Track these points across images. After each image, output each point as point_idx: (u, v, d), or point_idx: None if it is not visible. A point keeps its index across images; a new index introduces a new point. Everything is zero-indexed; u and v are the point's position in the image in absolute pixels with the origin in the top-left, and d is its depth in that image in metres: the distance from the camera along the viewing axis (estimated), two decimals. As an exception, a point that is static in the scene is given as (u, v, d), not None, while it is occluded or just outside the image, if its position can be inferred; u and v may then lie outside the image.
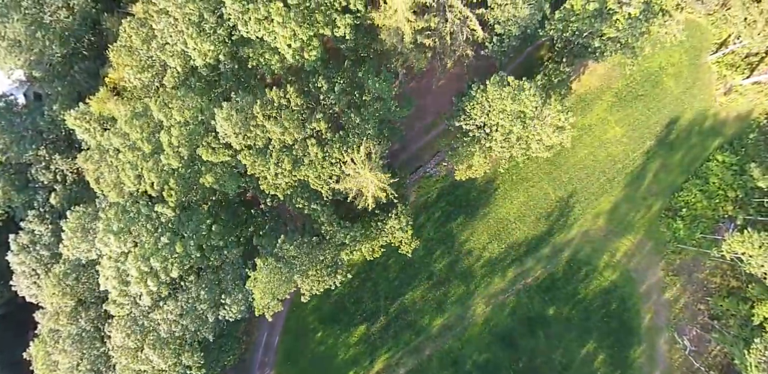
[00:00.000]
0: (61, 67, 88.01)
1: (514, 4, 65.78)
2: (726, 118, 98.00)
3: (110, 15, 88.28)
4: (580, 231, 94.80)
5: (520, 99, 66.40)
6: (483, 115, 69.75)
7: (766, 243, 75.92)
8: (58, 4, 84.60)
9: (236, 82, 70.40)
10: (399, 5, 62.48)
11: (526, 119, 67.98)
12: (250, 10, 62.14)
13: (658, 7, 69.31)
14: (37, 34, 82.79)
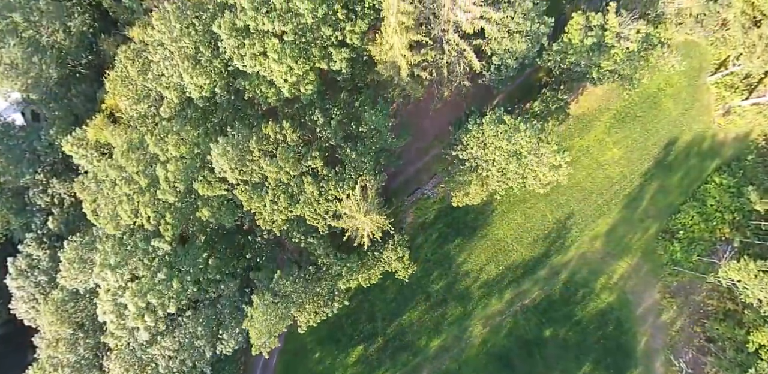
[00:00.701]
0: (58, 89, 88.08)
1: (511, 38, 65.61)
2: (724, 140, 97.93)
3: (107, 36, 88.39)
4: (577, 253, 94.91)
5: (516, 139, 66.33)
6: (479, 150, 69.64)
7: (762, 273, 75.99)
8: (54, 26, 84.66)
9: (232, 112, 70.31)
10: (395, 42, 62.32)
11: (522, 158, 67.97)
12: (245, 45, 62.06)
13: (657, 39, 69.10)
14: (34, 58, 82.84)
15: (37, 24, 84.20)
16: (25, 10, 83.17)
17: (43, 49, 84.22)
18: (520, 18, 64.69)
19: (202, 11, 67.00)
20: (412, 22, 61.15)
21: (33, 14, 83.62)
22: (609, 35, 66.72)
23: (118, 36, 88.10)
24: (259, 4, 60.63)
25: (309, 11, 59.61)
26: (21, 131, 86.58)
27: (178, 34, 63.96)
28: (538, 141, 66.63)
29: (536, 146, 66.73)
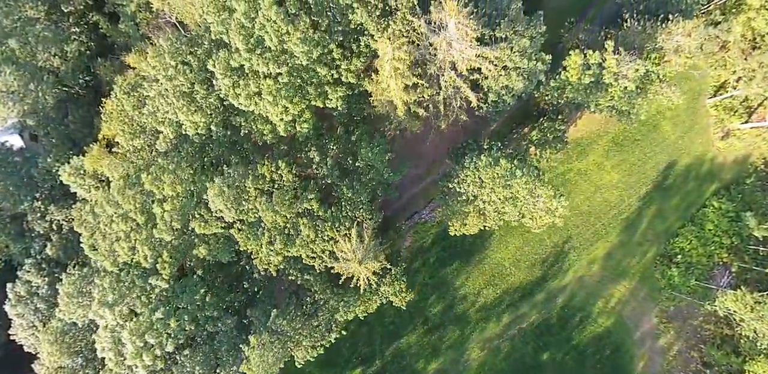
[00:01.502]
0: (55, 114, 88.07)
1: (507, 76, 65.42)
2: (723, 163, 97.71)
3: (104, 60, 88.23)
4: (574, 277, 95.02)
5: (511, 185, 66.28)
6: (476, 187, 69.59)
7: (758, 306, 76.04)
8: (51, 52, 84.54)
9: (229, 146, 70.26)
10: (391, 84, 62.20)
11: (518, 202, 67.97)
12: (240, 85, 61.93)
13: (656, 75, 68.86)
14: (30, 85, 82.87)
15: (34, 49, 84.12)
16: (21, 36, 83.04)
17: (40, 75, 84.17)
18: (516, 56, 64.44)
19: (197, 47, 66.85)
20: (407, 69, 61.02)
21: (29, 40, 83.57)
22: (607, 75, 66.48)
23: (114, 60, 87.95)
24: (253, 45, 60.42)
25: (304, 53, 59.42)
26: (19, 156, 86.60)
27: (173, 73, 63.80)
28: (534, 187, 66.50)
29: (533, 191, 66.61)
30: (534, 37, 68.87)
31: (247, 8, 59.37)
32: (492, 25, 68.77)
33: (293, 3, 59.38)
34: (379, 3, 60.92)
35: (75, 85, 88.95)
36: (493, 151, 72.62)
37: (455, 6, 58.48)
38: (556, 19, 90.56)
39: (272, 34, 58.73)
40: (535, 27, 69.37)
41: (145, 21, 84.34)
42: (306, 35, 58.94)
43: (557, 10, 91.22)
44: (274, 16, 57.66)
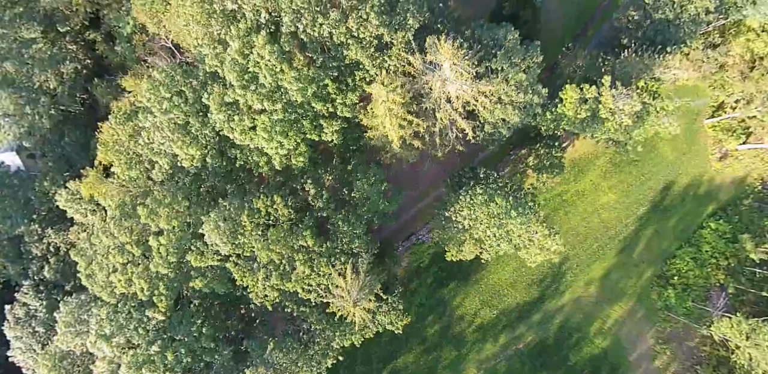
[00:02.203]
0: (52, 136, 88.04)
1: (503, 109, 65.30)
2: (721, 184, 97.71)
3: (100, 81, 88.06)
4: (571, 297, 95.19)
5: (506, 224, 66.33)
6: (471, 222, 69.67)
7: (753, 334, 76.17)
8: (47, 74, 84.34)
9: (225, 176, 70.33)
10: (386, 123, 62.25)
11: (513, 239, 68.08)
12: (235, 120, 61.92)
13: (654, 108, 68.78)
14: (26, 108, 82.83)
15: (30, 71, 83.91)
16: (17, 59, 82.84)
17: (36, 98, 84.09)
18: (512, 90, 64.27)
19: (192, 78, 66.71)
20: (401, 109, 61.01)
21: (25, 62, 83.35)
22: (603, 110, 66.33)
23: (111, 81, 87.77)
24: (247, 82, 60.32)
25: (299, 91, 59.37)
26: (16, 178, 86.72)
27: (168, 106, 63.73)
28: (528, 227, 66.61)
29: (528, 228, 66.69)
30: (531, 67, 68.68)
31: (241, 45, 59.23)
32: (488, 56, 68.71)
33: (287, 40, 59.20)
34: (374, 40, 60.67)
35: (72, 106, 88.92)
36: (490, 181, 72.47)
37: (450, 48, 58.29)
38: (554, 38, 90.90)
39: (266, 73, 58.65)
40: (531, 57, 69.15)
41: (141, 43, 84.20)
42: (300, 73, 58.84)
43: (554, 30, 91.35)
44: (268, 56, 57.53)
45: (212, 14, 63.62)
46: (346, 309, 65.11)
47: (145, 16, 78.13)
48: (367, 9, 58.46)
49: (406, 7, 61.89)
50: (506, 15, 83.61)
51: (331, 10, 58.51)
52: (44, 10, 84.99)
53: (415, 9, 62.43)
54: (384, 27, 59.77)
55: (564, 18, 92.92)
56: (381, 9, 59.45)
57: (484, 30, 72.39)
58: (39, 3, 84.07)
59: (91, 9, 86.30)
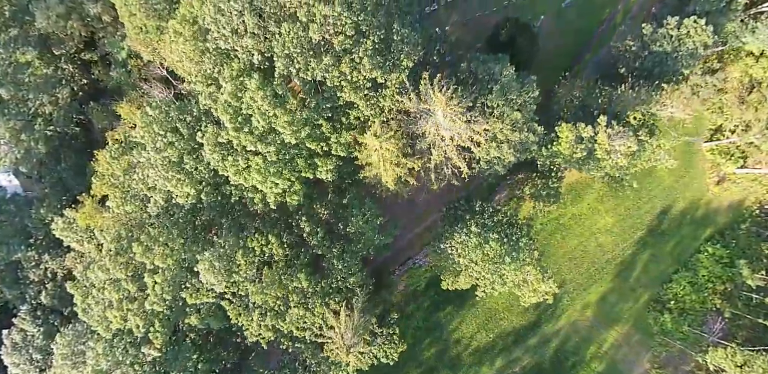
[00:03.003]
0: (48, 160, 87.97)
1: (498, 148, 65.09)
2: (718, 208, 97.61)
3: (96, 104, 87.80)
4: (568, 321, 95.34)
5: (499, 269, 66.32)
6: (465, 259, 69.71)
7: (747, 366, 76.26)
8: (42, 99, 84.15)
9: (220, 210, 70.28)
10: (381, 167, 62.24)
11: (507, 282, 68.11)
12: (229, 161, 61.78)
13: (650, 146, 68.63)
14: (22, 135, 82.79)
15: (25, 96, 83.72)
16: (12, 84, 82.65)
17: (31, 124, 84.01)
18: (507, 129, 64.03)
19: (186, 114, 66.52)
20: (395, 156, 60.94)
21: (20, 88, 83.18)
22: (599, 150, 66.20)
23: (107, 105, 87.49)
24: (240, 124, 60.12)
25: (291, 134, 59.21)
26: (12, 203, 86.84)
27: (162, 145, 63.62)
28: (522, 272, 66.65)
29: (522, 270, 66.72)
30: (527, 101, 68.38)
31: (234, 88, 58.99)
32: (483, 90, 68.45)
33: (280, 83, 58.95)
34: (367, 83, 60.37)
35: (67, 130, 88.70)
36: (485, 216, 72.42)
37: (442, 98, 58.07)
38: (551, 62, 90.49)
39: (259, 117, 58.46)
40: (527, 92, 68.85)
41: (137, 68, 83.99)
42: (293, 117, 58.65)
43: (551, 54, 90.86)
44: (260, 101, 57.30)
45: (205, 52, 63.43)
46: (340, 356, 65.27)
47: (139, 45, 77.86)
48: (361, 52, 58.11)
49: (401, 47, 61.47)
50: (503, 41, 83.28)
51: (323, 54, 58.10)
52: (39, 33, 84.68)
53: (410, 48, 62.02)
54: (378, 69, 59.41)
55: (563, 41, 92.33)
56: (374, 51, 59.04)
57: (480, 62, 72.09)
58: (34, 26, 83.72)
59: (86, 33, 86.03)
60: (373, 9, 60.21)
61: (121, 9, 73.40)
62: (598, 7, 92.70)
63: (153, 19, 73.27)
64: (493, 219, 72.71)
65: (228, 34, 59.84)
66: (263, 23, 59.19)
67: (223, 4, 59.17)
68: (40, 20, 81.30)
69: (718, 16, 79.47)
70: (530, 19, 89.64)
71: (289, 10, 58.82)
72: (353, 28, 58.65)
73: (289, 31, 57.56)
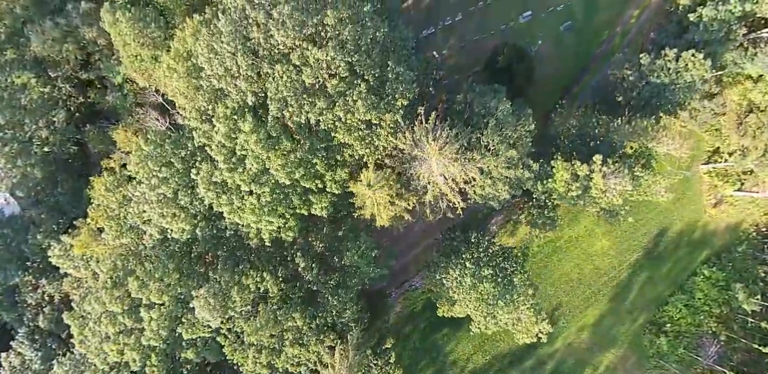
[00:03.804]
0: (45, 184, 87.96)
1: (493, 186, 65.03)
2: (715, 230, 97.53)
3: (92, 127, 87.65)
4: (564, 343, 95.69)
5: (493, 312, 66.51)
6: (460, 295, 69.91)
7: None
8: (38, 124, 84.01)
9: (215, 243, 70.45)
10: (375, 209, 62.27)
11: (499, 322, 68.35)
12: (223, 200, 61.81)
13: (645, 182, 68.60)
14: (18, 161, 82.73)
15: (21, 121, 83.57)
16: (9, 109, 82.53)
17: (27, 149, 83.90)
18: (503, 167, 63.92)
19: (181, 148, 66.45)
20: (390, 201, 60.97)
21: (17, 113, 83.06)
22: (594, 190, 66.17)
23: (103, 128, 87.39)
24: (234, 164, 60.14)
25: (285, 175, 59.24)
26: (7, 228, 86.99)
27: (156, 182, 63.67)
28: (515, 313, 66.85)
29: (516, 314, 66.98)
30: (523, 135, 68.19)
31: (228, 130, 58.88)
32: (479, 124, 68.33)
33: (273, 125, 58.82)
34: (362, 124, 60.22)
35: (64, 153, 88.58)
36: (480, 249, 72.58)
37: (435, 147, 58.07)
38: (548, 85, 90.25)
39: (253, 161, 58.45)
40: (523, 125, 68.71)
41: (133, 92, 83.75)
42: (287, 160, 58.62)
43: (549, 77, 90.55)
44: (254, 145, 57.24)
45: (199, 89, 63.29)
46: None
47: (134, 72, 77.72)
48: (354, 96, 57.93)
49: (395, 86, 61.26)
50: (501, 67, 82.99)
51: (317, 98, 57.91)
52: (35, 56, 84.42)
53: (405, 87, 61.79)
54: (372, 110, 59.26)
55: (561, 64, 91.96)
56: (369, 92, 58.82)
57: (477, 94, 71.92)
58: (29, 49, 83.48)
59: (81, 56, 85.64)
60: (368, 48, 59.99)
61: (116, 38, 73.10)
62: (597, 30, 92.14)
63: (148, 48, 73.08)
64: (488, 252, 72.76)
65: (222, 73, 59.64)
66: (257, 64, 58.98)
67: (216, 44, 58.98)
68: (36, 44, 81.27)
69: (717, 46, 78.82)
70: (528, 43, 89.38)
71: (282, 51, 58.56)
72: (347, 70, 58.51)
73: (283, 75, 57.40)
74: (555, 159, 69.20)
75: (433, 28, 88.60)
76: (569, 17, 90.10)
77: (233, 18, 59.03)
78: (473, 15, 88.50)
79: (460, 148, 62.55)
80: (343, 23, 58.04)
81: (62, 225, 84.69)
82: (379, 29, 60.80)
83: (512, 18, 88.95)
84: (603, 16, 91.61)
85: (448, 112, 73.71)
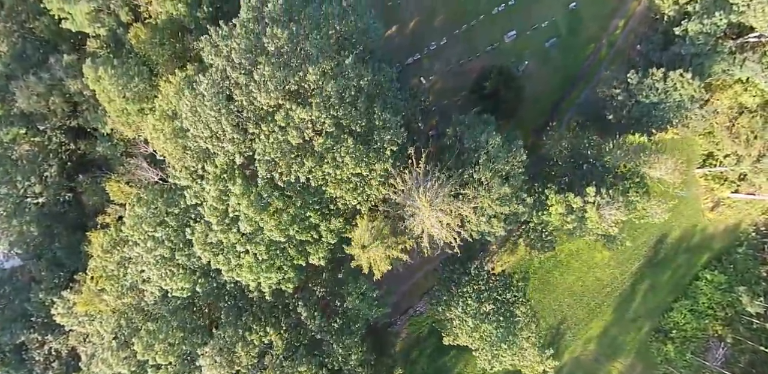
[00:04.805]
0: (43, 239, 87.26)
1: (488, 223, 64.74)
2: (714, 233, 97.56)
3: (85, 177, 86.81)
4: (571, 357, 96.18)
5: (497, 354, 66.82)
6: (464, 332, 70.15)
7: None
8: (30, 180, 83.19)
9: (216, 295, 70.33)
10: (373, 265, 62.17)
11: (503, 363, 68.64)
12: (220, 260, 61.54)
13: (642, 205, 68.43)
14: (14, 221, 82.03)
15: (13, 179, 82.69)
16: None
17: (21, 207, 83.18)
18: (497, 204, 63.52)
19: (174, 206, 65.94)
20: (386, 254, 60.72)
21: (8, 170, 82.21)
22: (590, 223, 65.95)
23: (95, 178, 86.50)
24: (228, 226, 59.72)
25: (280, 233, 58.90)
26: (9, 286, 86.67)
27: (152, 245, 63.28)
28: (519, 353, 67.13)
29: (520, 356, 67.16)
30: (515, 166, 67.62)
31: (218, 193, 58.33)
32: (471, 158, 67.82)
33: (263, 187, 58.22)
34: (354, 177, 59.72)
35: (58, 206, 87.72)
36: (480, 280, 72.65)
37: (427, 203, 57.64)
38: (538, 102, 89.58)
39: (246, 223, 58.02)
40: (515, 156, 68.11)
41: (122, 142, 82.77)
42: (280, 219, 58.25)
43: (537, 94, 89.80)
44: (246, 209, 56.75)
45: (187, 149, 62.58)
46: None
47: (122, 126, 76.77)
48: (342, 152, 57.27)
49: (383, 135, 60.57)
50: (488, 93, 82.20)
51: (305, 157, 57.28)
52: (21, 111, 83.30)
53: (393, 133, 61.10)
54: (361, 162, 58.72)
55: (549, 81, 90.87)
56: (356, 146, 58.14)
57: (466, 127, 71.30)
58: (16, 104, 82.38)
59: (68, 108, 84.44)
60: (353, 99, 59.19)
61: (100, 95, 72.09)
62: (582, 44, 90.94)
63: (133, 102, 72.10)
64: (488, 284, 72.83)
65: (208, 135, 58.88)
66: (242, 124, 58.22)
67: (199, 108, 58.09)
68: (22, 100, 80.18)
69: (704, 58, 78.08)
70: (514, 62, 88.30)
71: (266, 110, 57.73)
72: (333, 125, 57.74)
73: (269, 135, 56.71)
74: (549, 188, 68.86)
75: (419, 54, 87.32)
76: (554, 33, 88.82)
77: (214, 79, 58.11)
78: (458, 38, 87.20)
79: (452, 191, 62.08)
80: (325, 77, 57.13)
81: (63, 279, 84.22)
82: (362, 78, 59.85)
83: (497, 38, 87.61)
84: (588, 29, 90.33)
85: (439, 145, 73.34)
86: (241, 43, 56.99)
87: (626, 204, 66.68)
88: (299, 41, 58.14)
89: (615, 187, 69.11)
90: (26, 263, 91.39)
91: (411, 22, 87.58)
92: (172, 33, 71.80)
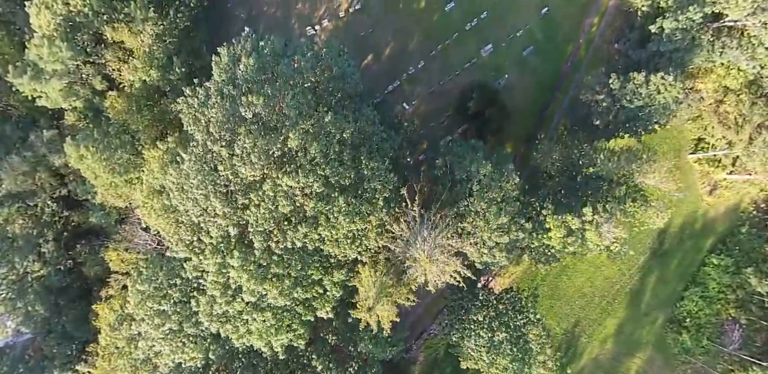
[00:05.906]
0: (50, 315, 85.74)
1: (489, 254, 64.07)
2: (715, 216, 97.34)
3: (83, 247, 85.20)
4: (590, 358, 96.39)
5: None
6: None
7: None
8: (27, 259, 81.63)
9: (230, 357, 69.76)
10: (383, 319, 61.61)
11: None
12: (229, 329, 60.80)
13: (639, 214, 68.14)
14: (18, 303, 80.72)
15: (11, 260, 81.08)
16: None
17: (23, 288, 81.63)
18: (496, 235, 62.77)
19: (176, 277, 64.93)
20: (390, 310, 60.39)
21: (5, 253, 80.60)
22: (591, 243, 65.70)
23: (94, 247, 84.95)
24: (231, 297, 58.81)
25: (284, 298, 58.17)
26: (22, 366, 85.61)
27: (159, 322, 62.36)
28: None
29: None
30: (509, 190, 66.62)
31: (217, 268, 57.27)
32: (464, 190, 66.96)
33: (261, 256, 57.11)
34: (350, 233, 58.76)
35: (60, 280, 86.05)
36: (490, 307, 72.49)
37: (425, 256, 57.06)
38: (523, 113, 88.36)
39: (249, 294, 57.14)
40: (507, 180, 67.06)
41: (115, 210, 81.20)
42: (282, 285, 57.40)
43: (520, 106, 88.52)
44: (247, 283, 55.80)
45: (180, 224, 61.23)
46: None
47: (111, 197, 75.10)
48: (335, 212, 56.14)
49: (373, 184, 59.40)
50: (472, 114, 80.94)
51: (299, 224, 56.16)
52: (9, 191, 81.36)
53: (383, 180, 59.95)
54: (355, 217, 57.68)
55: (531, 90, 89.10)
56: (348, 203, 57.02)
57: (455, 156, 70.21)
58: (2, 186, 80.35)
59: (55, 182, 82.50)
60: (338, 155, 57.85)
61: (86, 172, 70.36)
62: (559, 46, 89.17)
63: (120, 174, 70.41)
64: (497, 309, 72.66)
65: (198, 213, 57.58)
66: (230, 198, 56.83)
67: (186, 186, 56.63)
68: (8, 182, 78.34)
69: (683, 53, 76.89)
70: (494, 76, 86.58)
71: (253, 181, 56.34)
72: (322, 185, 56.43)
73: (259, 204, 55.44)
74: (545, 208, 68.10)
75: (398, 80, 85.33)
76: (531, 41, 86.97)
77: (197, 153, 56.61)
78: (435, 59, 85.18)
79: (450, 232, 61.49)
80: (307, 138, 55.65)
81: (75, 351, 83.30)
82: (344, 130, 58.37)
83: (474, 54, 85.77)
84: (563, 32, 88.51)
85: (431, 176, 72.31)
86: (218, 114, 55.34)
87: (624, 215, 66.24)
88: (277, 103, 56.51)
89: (612, 197, 68.45)
90: (36, 335, 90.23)
91: (386, 49, 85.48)
92: (148, 97, 69.97)
